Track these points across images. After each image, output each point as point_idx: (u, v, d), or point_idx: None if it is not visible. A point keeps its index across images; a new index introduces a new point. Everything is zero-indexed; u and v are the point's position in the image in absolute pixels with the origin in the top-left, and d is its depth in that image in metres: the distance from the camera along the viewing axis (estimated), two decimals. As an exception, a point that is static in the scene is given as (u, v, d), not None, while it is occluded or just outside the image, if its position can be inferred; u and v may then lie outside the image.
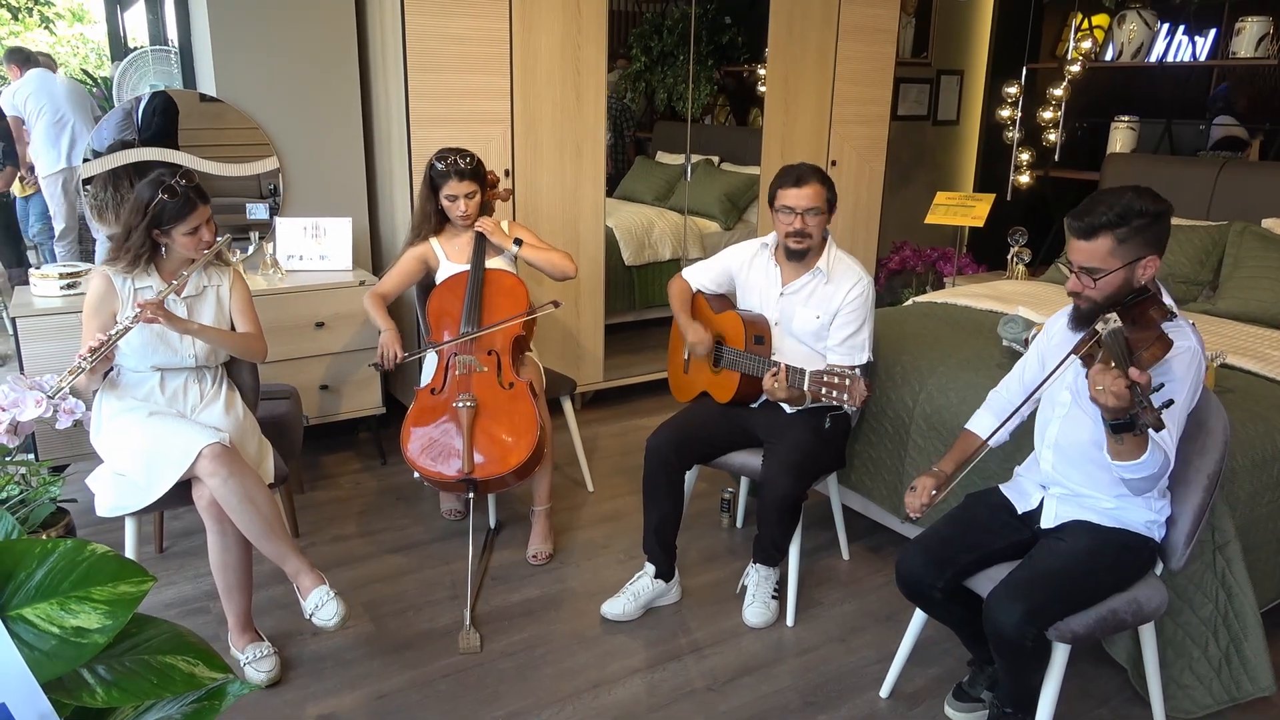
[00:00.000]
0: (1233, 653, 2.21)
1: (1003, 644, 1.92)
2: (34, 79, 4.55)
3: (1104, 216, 1.87)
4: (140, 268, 2.41)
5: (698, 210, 4.75)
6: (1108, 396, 1.68)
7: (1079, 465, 2.05)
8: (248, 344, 2.57)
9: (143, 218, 2.36)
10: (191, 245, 2.41)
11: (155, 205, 2.34)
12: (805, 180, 2.55)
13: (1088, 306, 1.95)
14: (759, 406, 2.72)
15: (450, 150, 2.98)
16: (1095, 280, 1.90)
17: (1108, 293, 1.91)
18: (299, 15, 3.56)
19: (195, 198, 2.37)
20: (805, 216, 2.55)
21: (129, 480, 2.33)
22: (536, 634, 2.60)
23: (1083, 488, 2.06)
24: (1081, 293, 1.94)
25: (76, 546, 0.91)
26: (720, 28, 4.80)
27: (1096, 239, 1.88)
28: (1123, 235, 1.86)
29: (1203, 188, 4.06)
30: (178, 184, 2.35)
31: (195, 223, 2.38)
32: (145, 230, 2.37)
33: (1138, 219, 1.86)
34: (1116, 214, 1.86)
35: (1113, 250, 1.87)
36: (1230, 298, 3.52)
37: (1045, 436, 2.12)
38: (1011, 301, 3.51)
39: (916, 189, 5.86)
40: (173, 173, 2.40)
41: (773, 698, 2.37)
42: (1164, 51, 4.93)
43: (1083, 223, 1.89)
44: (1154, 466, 1.79)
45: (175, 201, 2.34)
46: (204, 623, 2.60)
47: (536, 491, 3.01)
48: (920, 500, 2.14)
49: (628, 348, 4.53)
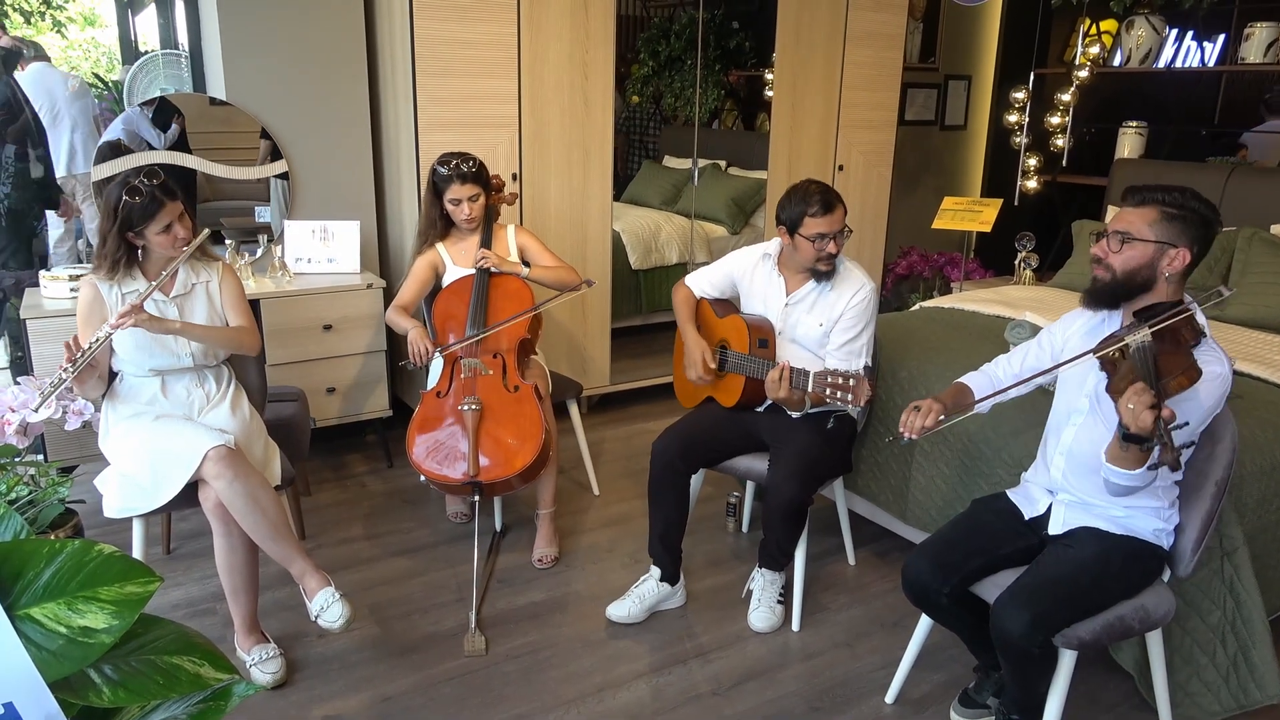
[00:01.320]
0: (1240, 660, 2.20)
1: (1009, 650, 1.91)
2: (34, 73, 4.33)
3: (1160, 194, 1.91)
4: (122, 273, 2.37)
5: (705, 215, 4.76)
6: (1132, 419, 1.69)
7: (1090, 475, 2.02)
8: (238, 338, 2.52)
9: (113, 222, 2.31)
10: (167, 243, 2.36)
11: (123, 208, 2.29)
12: (833, 206, 2.52)
13: (1104, 276, 1.95)
14: (764, 411, 2.72)
15: (452, 154, 2.99)
16: (1122, 245, 1.91)
17: (1129, 266, 1.91)
18: (308, 19, 3.58)
19: (162, 195, 2.31)
20: (837, 239, 2.54)
21: (136, 482, 2.33)
22: (542, 637, 2.60)
23: (1092, 496, 2.04)
24: (1104, 259, 1.95)
25: (84, 547, 0.92)
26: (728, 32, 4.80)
27: (1145, 206, 1.91)
28: (1170, 214, 1.89)
29: (1211, 193, 4.03)
30: (142, 183, 2.30)
31: (166, 220, 2.33)
32: (118, 234, 2.33)
33: (1191, 208, 1.88)
34: (1176, 195, 1.90)
35: (1154, 223, 1.89)
36: (1238, 304, 3.50)
37: (1059, 442, 2.10)
38: (1019, 307, 3.50)
39: (924, 194, 5.85)
40: (138, 172, 2.34)
41: (778, 703, 2.36)
42: (1172, 57, 4.92)
43: (1139, 193, 1.93)
44: (1142, 481, 1.80)
45: (141, 201, 2.29)
46: (211, 624, 2.61)
47: (541, 495, 3.01)
48: (922, 422, 2.06)
49: (634, 351, 4.53)
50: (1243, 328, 3.40)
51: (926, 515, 2.80)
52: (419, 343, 2.87)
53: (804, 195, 2.53)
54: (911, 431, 2.07)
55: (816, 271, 2.60)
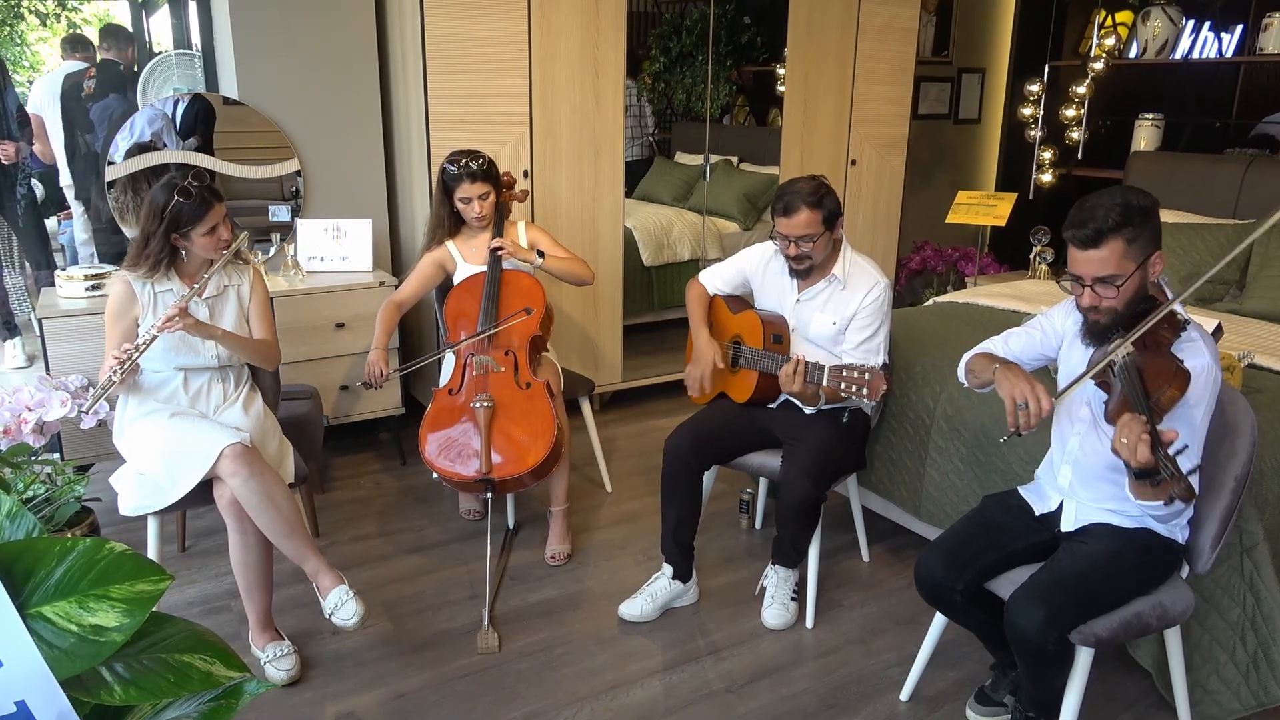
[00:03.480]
0: (1260, 657, 2.17)
1: (1025, 648, 1.89)
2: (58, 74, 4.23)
3: (1107, 220, 1.78)
4: (161, 272, 2.41)
5: (716, 211, 4.74)
6: (1130, 455, 1.62)
7: (1098, 484, 2.00)
8: (265, 352, 2.56)
9: (160, 223, 2.34)
10: (210, 245, 2.40)
11: (172, 209, 2.33)
12: (793, 210, 2.45)
13: (1106, 319, 1.87)
14: (778, 407, 2.70)
15: (462, 152, 2.98)
16: (1117, 288, 1.82)
17: (1129, 299, 1.84)
18: (320, 19, 3.58)
19: (210, 197, 2.35)
20: (798, 244, 2.50)
21: (151, 480, 2.34)
22: (554, 634, 2.60)
23: (1103, 502, 2.02)
24: (1100, 305, 1.86)
25: (95, 545, 0.92)
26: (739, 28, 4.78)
27: (1105, 245, 1.79)
28: (1131, 235, 1.79)
29: (1230, 186, 4.00)
30: (191, 185, 2.34)
31: (212, 222, 2.37)
32: (164, 235, 2.36)
33: (1139, 215, 1.79)
34: (1120, 214, 1.78)
35: (1124, 253, 1.80)
36: (1258, 297, 3.46)
37: (1065, 451, 2.07)
38: (1034, 302, 3.47)
39: (937, 188, 5.82)
40: (184, 174, 2.38)
41: (791, 700, 2.35)
42: (1189, 48, 4.86)
43: (1086, 230, 1.80)
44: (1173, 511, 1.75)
45: (191, 203, 2.33)
46: (225, 621, 2.62)
47: (554, 492, 3.01)
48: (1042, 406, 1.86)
49: (646, 348, 4.53)
50: (1263, 321, 3.36)
51: (941, 511, 2.78)
52: (375, 365, 2.88)
53: (780, 191, 2.51)
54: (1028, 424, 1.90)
55: (791, 270, 2.59)
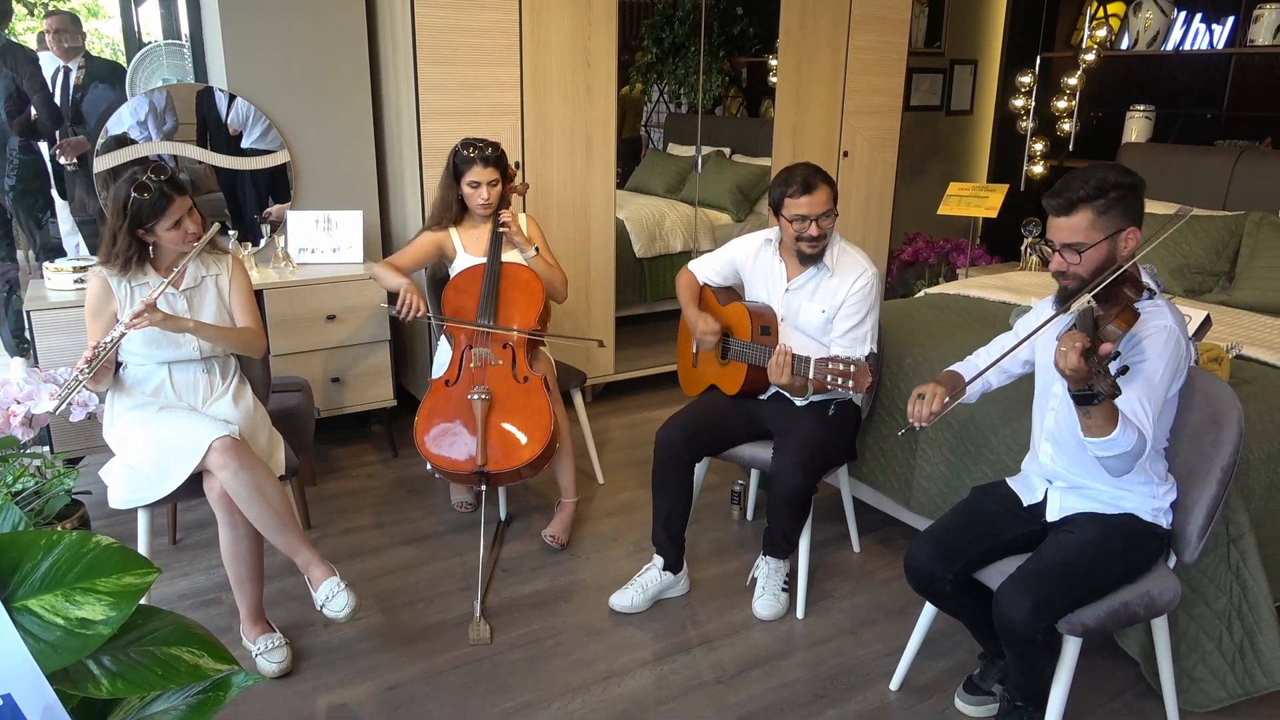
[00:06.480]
0: (1247, 646, 2.19)
1: (1013, 637, 1.91)
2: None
3: (1080, 191, 1.87)
4: (134, 268, 2.37)
5: (709, 202, 4.73)
6: (1064, 359, 1.68)
7: (1075, 455, 2.03)
8: (247, 339, 2.52)
9: (123, 219, 2.30)
10: (178, 239, 2.36)
11: (132, 205, 2.28)
12: (814, 186, 2.49)
13: (1074, 285, 1.93)
14: (768, 398, 2.71)
15: (474, 139, 2.99)
16: (1080, 255, 1.89)
17: (1093, 267, 1.90)
18: (309, 9, 3.56)
19: (170, 190, 2.30)
20: (819, 222, 2.51)
21: (141, 473, 2.34)
22: (546, 626, 2.61)
23: (1082, 478, 2.05)
24: (1066, 270, 1.93)
25: (81, 539, 0.92)
26: (731, 18, 4.77)
27: (1076, 214, 1.88)
28: (1102, 207, 1.86)
29: (1219, 177, 4.01)
30: (150, 179, 2.28)
31: (176, 215, 2.32)
32: (128, 232, 2.32)
33: (1114, 190, 1.86)
34: (1093, 187, 1.86)
35: (1093, 223, 1.87)
36: (1247, 288, 3.48)
37: (1043, 428, 2.11)
38: (1025, 293, 3.48)
39: (929, 180, 5.82)
40: (145, 167, 2.33)
41: (782, 690, 2.37)
42: (1180, 40, 4.87)
43: (1060, 199, 1.90)
44: (1127, 444, 1.77)
45: (151, 198, 2.28)
46: (217, 614, 2.62)
47: (563, 484, 3.05)
48: (929, 409, 2.06)
49: (638, 340, 4.52)
50: (1251, 312, 3.37)
51: (931, 502, 2.80)
52: (412, 295, 2.84)
53: (787, 176, 2.52)
54: (920, 420, 2.07)
55: (802, 255, 2.58)
